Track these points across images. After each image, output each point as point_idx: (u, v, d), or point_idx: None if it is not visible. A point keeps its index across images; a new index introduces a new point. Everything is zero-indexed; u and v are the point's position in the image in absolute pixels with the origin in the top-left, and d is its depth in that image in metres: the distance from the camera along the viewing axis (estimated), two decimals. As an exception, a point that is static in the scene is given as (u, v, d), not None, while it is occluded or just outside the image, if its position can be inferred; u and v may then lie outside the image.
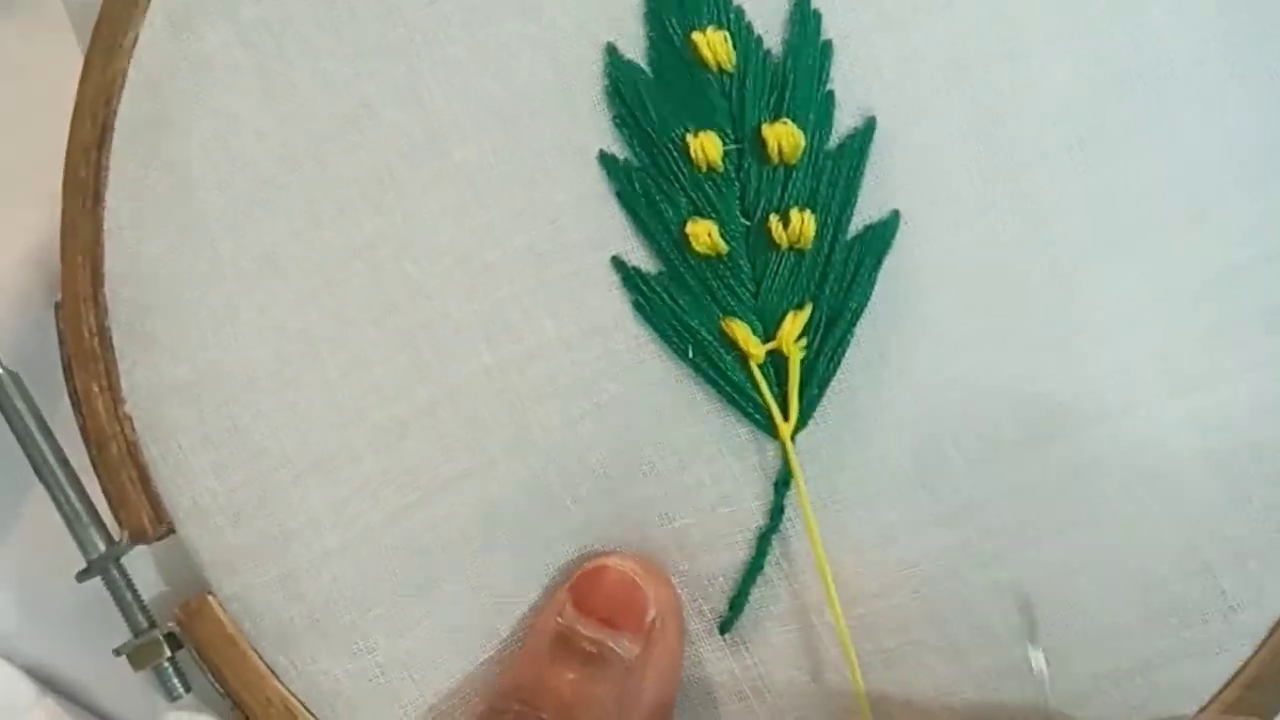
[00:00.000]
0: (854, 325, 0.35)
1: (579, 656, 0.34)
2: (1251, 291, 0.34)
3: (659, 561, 0.36)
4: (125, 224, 0.37)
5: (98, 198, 0.38)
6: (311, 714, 0.37)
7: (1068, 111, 0.34)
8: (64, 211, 0.38)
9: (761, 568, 0.35)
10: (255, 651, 0.37)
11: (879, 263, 0.35)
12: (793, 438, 0.35)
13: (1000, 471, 0.35)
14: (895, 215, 0.35)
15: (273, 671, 0.37)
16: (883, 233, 0.35)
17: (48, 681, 0.41)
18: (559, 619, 0.34)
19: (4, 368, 0.39)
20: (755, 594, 0.36)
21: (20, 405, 0.38)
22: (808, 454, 0.35)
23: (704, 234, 0.35)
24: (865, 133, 0.35)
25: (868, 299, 0.35)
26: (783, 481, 0.35)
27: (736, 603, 0.36)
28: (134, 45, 0.37)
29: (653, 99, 0.35)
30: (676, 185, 0.35)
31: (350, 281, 0.36)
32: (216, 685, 0.37)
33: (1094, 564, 0.34)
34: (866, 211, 0.35)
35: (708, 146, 0.34)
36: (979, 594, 0.35)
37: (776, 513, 0.35)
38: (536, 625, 0.35)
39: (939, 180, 0.34)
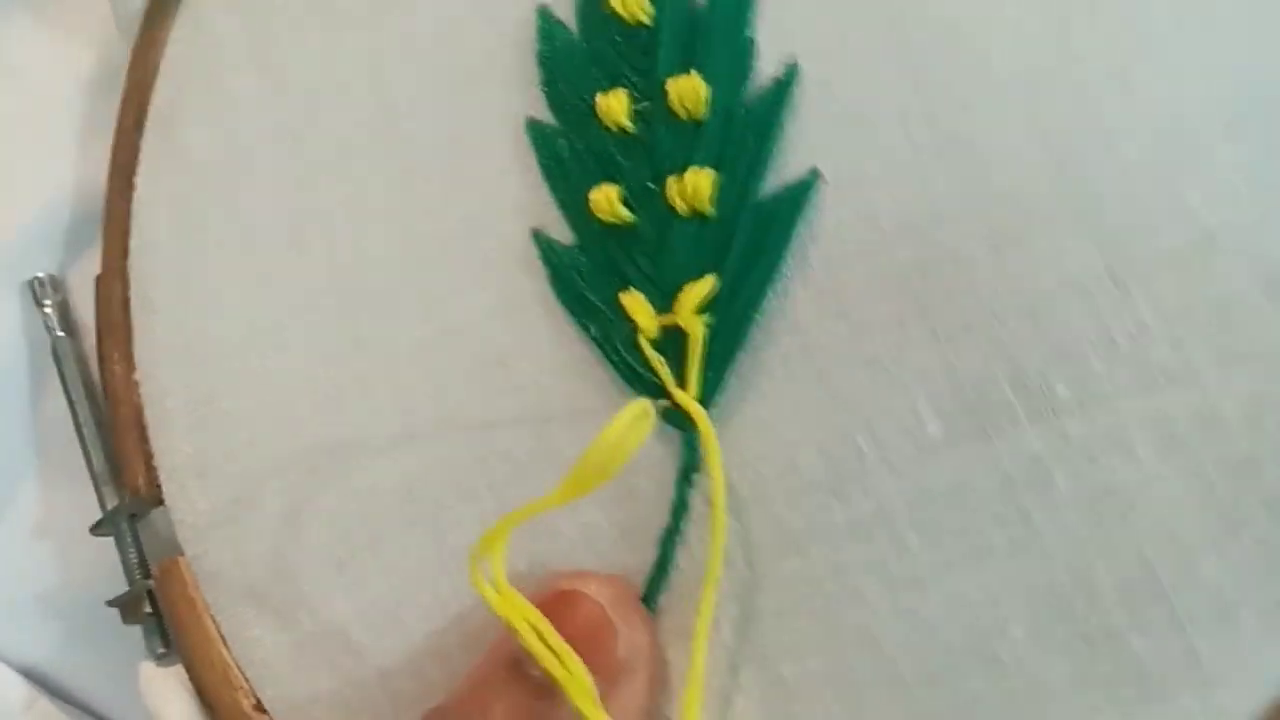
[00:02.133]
0: (759, 298, 0.28)
1: (533, 687, 0.28)
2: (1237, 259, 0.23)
3: (633, 593, 0.29)
4: (146, 201, 0.37)
5: (130, 179, 0.37)
6: (247, 681, 0.33)
7: (1018, 45, 0.26)
8: (107, 193, 0.38)
9: (666, 572, 0.29)
10: (209, 615, 0.34)
11: (791, 227, 0.28)
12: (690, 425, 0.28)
13: (921, 475, 0.26)
14: (814, 175, 0.27)
15: (221, 637, 0.34)
16: (797, 194, 0.28)
17: (42, 683, 0.39)
18: (517, 641, 0.28)
19: (65, 333, 0.39)
20: (663, 600, 0.29)
21: (73, 367, 0.38)
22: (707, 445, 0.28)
23: (605, 200, 0.29)
24: (784, 84, 0.28)
25: (776, 268, 0.28)
26: (684, 475, 0.28)
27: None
28: (166, 40, 0.37)
29: (573, 59, 0.30)
30: (587, 149, 0.29)
31: (311, 250, 0.34)
32: (176, 645, 0.35)
33: (1025, 601, 0.25)
34: (784, 172, 0.28)
35: (614, 104, 0.29)
36: (888, 624, 0.27)
37: (679, 510, 0.28)
38: (494, 643, 0.30)
39: (864, 134, 0.27)
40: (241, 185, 0.35)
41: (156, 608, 0.37)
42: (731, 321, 0.28)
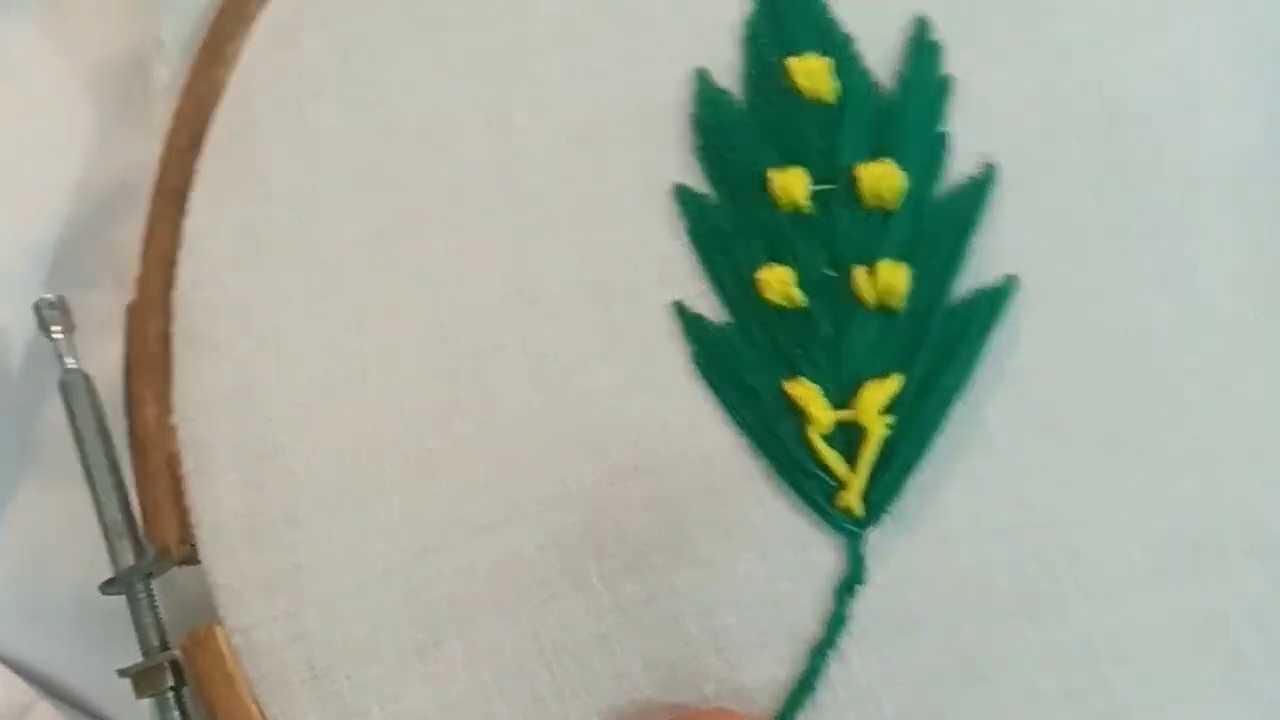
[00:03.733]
0: (951, 404, 0.24)
1: None
2: None
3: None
4: (202, 229, 0.31)
5: (181, 204, 0.31)
6: (295, 776, 0.27)
7: (1244, 172, 0.23)
8: (149, 217, 0.32)
9: (812, 689, 0.24)
10: (251, 695, 0.28)
11: (987, 333, 0.24)
12: (862, 531, 0.24)
13: (1126, 607, 0.22)
14: (1011, 280, 0.24)
15: (263, 721, 0.28)
16: (995, 299, 0.24)
17: (44, 685, 0.35)
18: None
19: (78, 367, 0.32)
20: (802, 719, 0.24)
21: (86, 407, 0.32)
22: (878, 556, 0.24)
23: (777, 281, 0.25)
24: (983, 181, 0.24)
25: (969, 374, 0.24)
26: (846, 587, 0.24)
27: (778, 729, 0.25)
28: (236, 55, 0.31)
29: (739, 129, 0.26)
30: (754, 226, 0.25)
31: (407, 302, 0.28)
32: (207, 726, 0.28)
33: None
34: (978, 273, 0.24)
35: (792, 183, 0.25)
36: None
37: (835, 623, 0.24)
38: None
39: (1070, 243, 0.23)
40: (324, 223, 0.30)
41: (180, 682, 0.30)
42: (917, 426, 0.25)
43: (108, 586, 0.32)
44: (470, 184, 0.29)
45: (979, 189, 0.26)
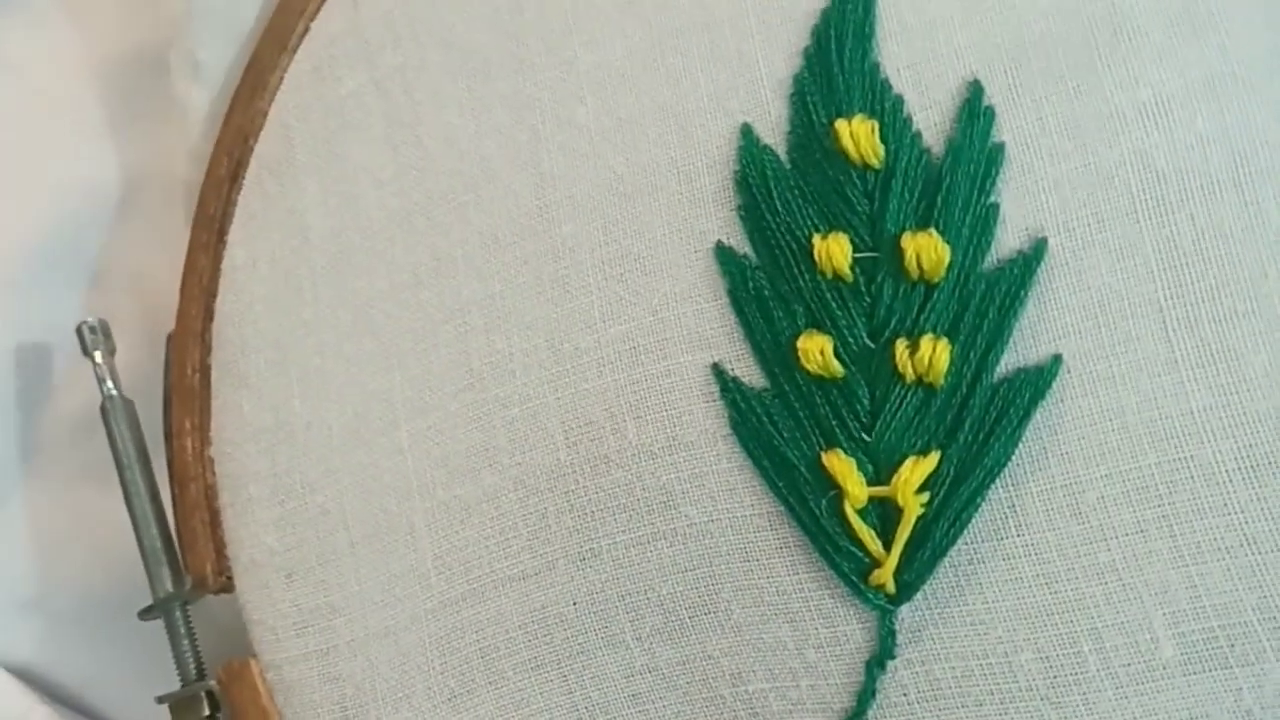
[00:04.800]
0: (988, 484, 0.23)
1: None
2: None
3: None
4: (240, 263, 0.30)
5: (221, 235, 0.31)
6: (322, 813, 0.28)
7: None
8: (190, 247, 0.32)
9: None
10: None
11: (1029, 414, 0.23)
12: (895, 608, 0.24)
13: (1151, 697, 0.22)
14: (1056, 360, 0.23)
15: (296, 758, 0.28)
16: (1038, 379, 0.23)
17: (43, 688, 0.35)
18: None
19: (119, 392, 0.32)
20: None
21: (126, 432, 0.32)
22: (910, 632, 0.24)
23: (816, 350, 0.24)
24: (1032, 257, 0.24)
25: (1010, 455, 0.23)
26: (877, 662, 0.24)
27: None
28: (277, 86, 0.30)
29: (783, 191, 0.25)
30: (794, 291, 0.25)
31: (438, 347, 0.28)
32: (241, 758, 0.29)
33: None
34: (1020, 351, 0.23)
35: (835, 250, 0.24)
36: None
37: (866, 697, 0.24)
38: None
39: (1114, 324, 0.23)
40: (360, 262, 0.30)
41: (215, 710, 0.31)
42: (953, 506, 0.24)
43: (146, 613, 0.33)
44: (503, 230, 0.29)
45: (1027, 264, 0.25)
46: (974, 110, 0.25)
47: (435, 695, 0.28)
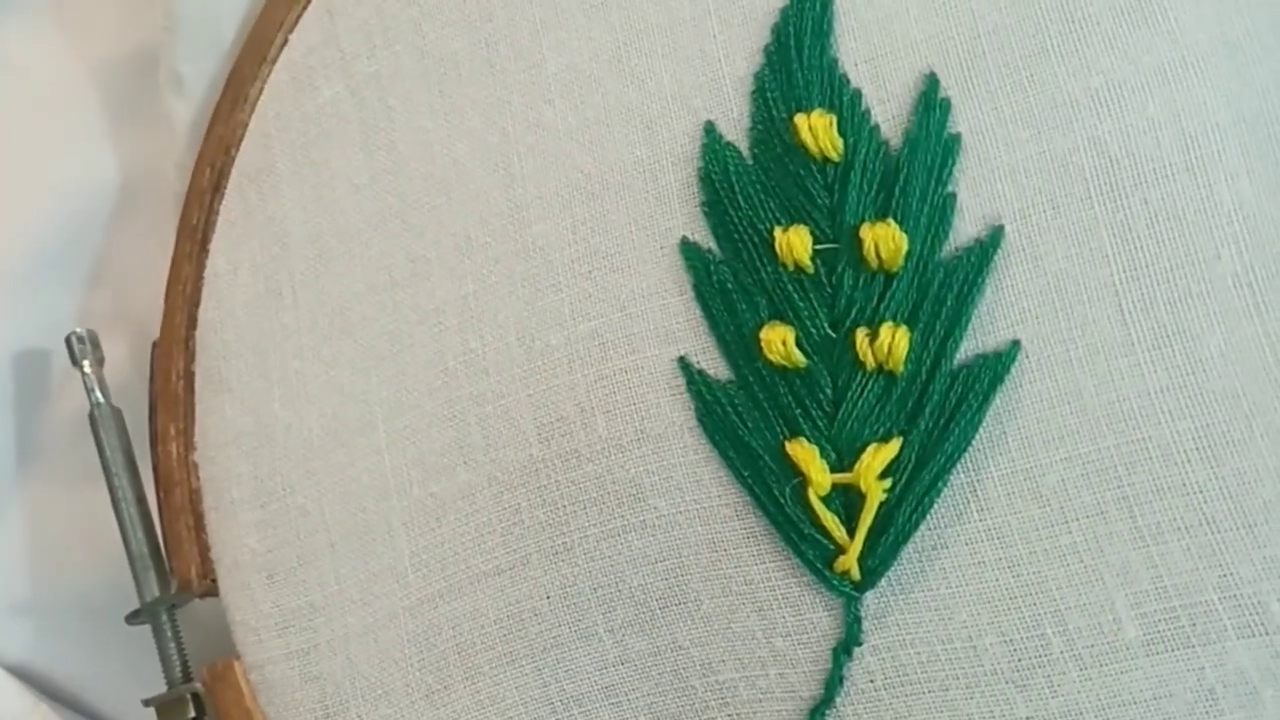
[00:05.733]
0: (950, 469, 0.23)
1: None
2: None
3: None
4: (222, 271, 0.31)
5: (204, 244, 0.31)
6: (305, 811, 0.28)
7: (1246, 241, 0.22)
8: (174, 256, 0.33)
9: None
10: None
11: (989, 399, 0.24)
12: (860, 595, 0.24)
13: (1115, 677, 0.22)
14: (1014, 346, 0.23)
15: (278, 756, 0.28)
16: (996, 365, 0.24)
17: (44, 688, 0.36)
18: None
19: (107, 401, 0.33)
20: None
21: (114, 440, 0.32)
22: (875, 618, 0.24)
23: (778, 341, 0.24)
24: (988, 244, 0.24)
25: (970, 440, 0.24)
26: (844, 648, 0.24)
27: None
28: (257, 97, 0.31)
29: (745, 186, 0.25)
30: (757, 283, 0.25)
31: (414, 348, 0.28)
32: (224, 758, 0.29)
33: None
34: (979, 337, 0.24)
35: (795, 242, 0.25)
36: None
37: (833, 684, 0.24)
38: None
39: (1070, 307, 0.23)
40: (338, 266, 0.30)
41: (201, 712, 0.31)
42: (915, 491, 0.24)
43: (134, 617, 0.33)
44: (475, 231, 0.29)
45: (984, 251, 0.25)
46: (930, 102, 0.25)
47: (413, 692, 0.29)
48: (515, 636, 0.28)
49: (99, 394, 0.34)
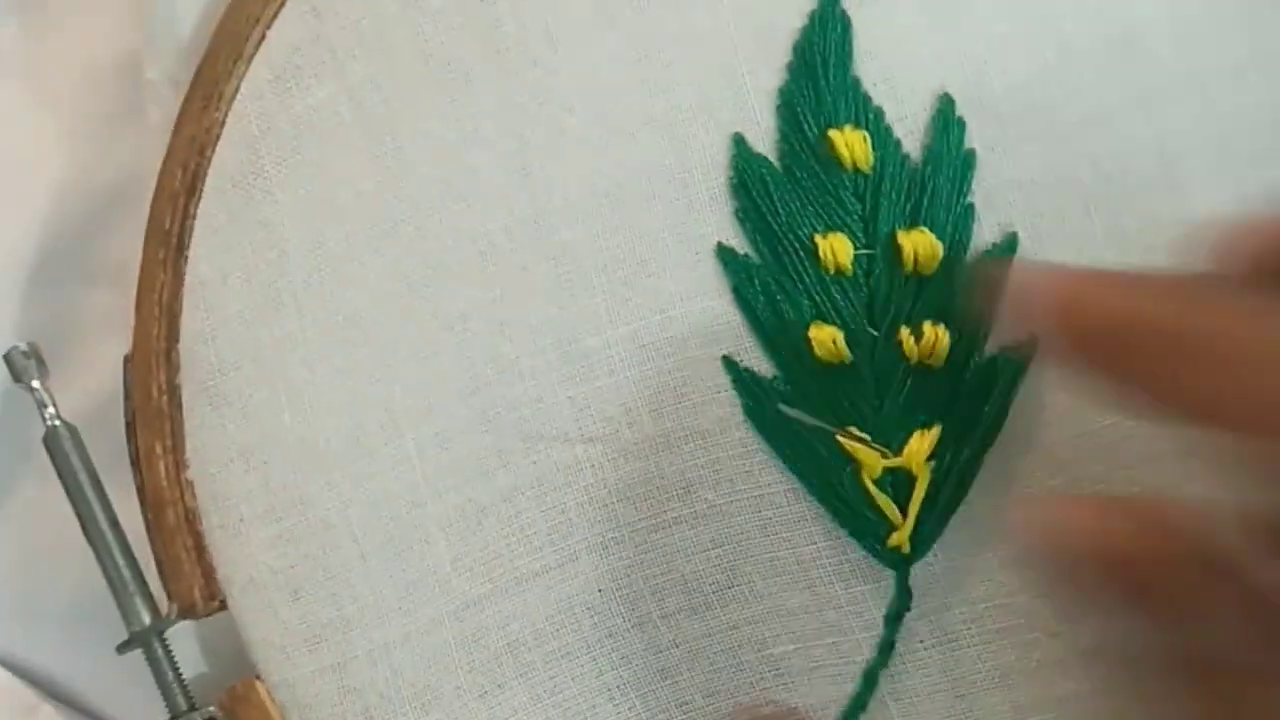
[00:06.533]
0: (986, 449, 0.27)
1: None
2: None
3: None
4: (208, 279, 0.29)
5: (181, 250, 0.30)
6: (355, 827, 0.28)
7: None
8: (143, 262, 0.31)
9: (865, 706, 0.27)
10: None
11: (1014, 386, 0.27)
12: (908, 566, 0.27)
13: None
14: (1031, 340, 0.27)
15: (317, 775, 0.28)
16: (1019, 356, 0.27)
17: (47, 687, 0.35)
18: None
19: (61, 420, 0.30)
20: None
21: (76, 461, 0.30)
22: (923, 585, 0.27)
23: (828, 340, 0.27)
24: (1006, 249, 0.27)
25: (1001, 422, 0.27)
26: (894, 614, 0.27)
27: (834, 740, 0.27)
28: (234, 96, 0.30)
29: (781, 195, 0.27)
30: (800, 287, 0.27)
31: (439, 354, 0.28)
32: (253, 783, 0.28)
33: None
34: (1001, 330, 0.27)
35: (838, 248, 0.27)
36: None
37: (886, 648, 0.27)
38: None
39: None
40: (346, 272, 0.30)
41: (215, 739, 0.31)
42: (956, 470, 0.28)
43: (125, 647, 0.32)
44: (498, 238, 0.30)
45: (1003, 255, 0.29)
46: (947, 119, 0.29)
47: (465, 694, 0.29)
48: (568, 630, 0.29)
49: (52, 410, 0.32)
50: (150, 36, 0.31)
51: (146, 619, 0.31)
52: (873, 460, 0.27)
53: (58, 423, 0.31)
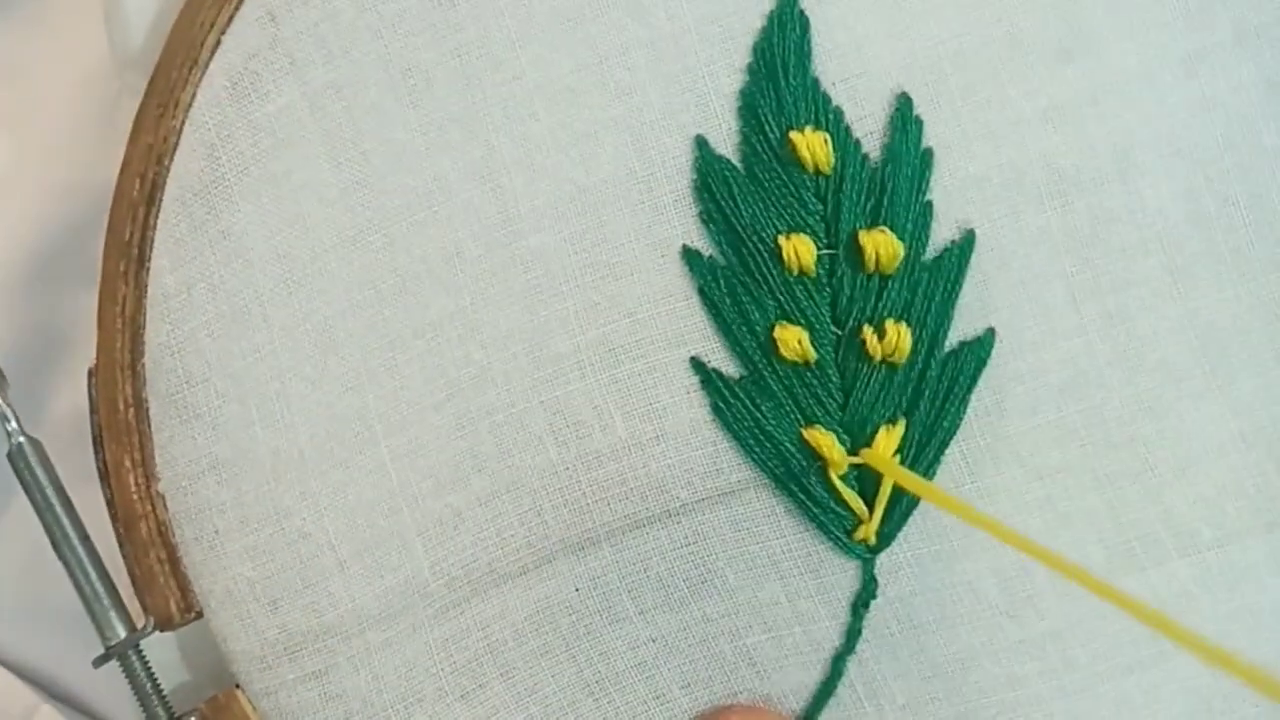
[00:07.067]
0: (948, 443, 0.28)
1: None
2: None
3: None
4: (172, 291, 0.29)
5: (142, 262, 0.30)
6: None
7: (1169, 238, 0.28)
8: (104, 275, 0.30)
9: (834, 690, 0.28)
10: None
11: (974, 381, 0.28)
12: (874, 556, 0.28)
13: (1084, 600, 0.28)
14: (991, 333, 0.28)
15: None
16: (978, 350, 0.28)
17: (47, 687, 0.35)
18: None
19: (25, 435, 0.30)
20: (826, 716, 0.28)
21: (40, 475, 0.30)
22: (889, 574, 0.28)
23: (794, 340, 0.27)
24: (964, 246, 0.28)
25: (962, 418, 0.28)
26: (862, 603, 0.28)
27: (805, 723, 0.28)
28: (190, 104, 0.29)
29: (744, 197, 0.28)
30: (765, 288, 0.28)
31: (411, 363, 0.28)
32: (238, 792, 0.29)
33: (1181, 695, 0.27)
34: (961, 326, 0.28)
35: (801, 249, 0.28)
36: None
37: (853, 635, 0.28)
38: None
39: (1033, 297, 0.28)
40: (313, 283, 0.30)
41: (197, 748, 0.31)
42: (920, 465, 0.29)
43: (100, 661, 0.32)
44: (466, 245, 0.30)
45: (962, 252, 0.29)
46: (906, 119, 0.29)
47: (447, 695, 0.30)
48: (547, 630, 0.30)
49: (16, 425, 0.32)
50: (110, 44, 0.31)
51: (121, 632, 0.31)
52: (838, 457, 0.28)
53: (21, 439, 0.31)
